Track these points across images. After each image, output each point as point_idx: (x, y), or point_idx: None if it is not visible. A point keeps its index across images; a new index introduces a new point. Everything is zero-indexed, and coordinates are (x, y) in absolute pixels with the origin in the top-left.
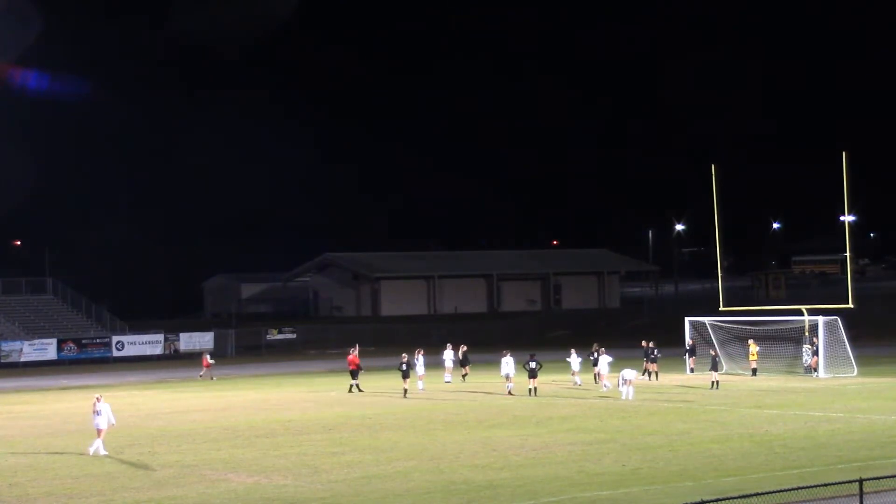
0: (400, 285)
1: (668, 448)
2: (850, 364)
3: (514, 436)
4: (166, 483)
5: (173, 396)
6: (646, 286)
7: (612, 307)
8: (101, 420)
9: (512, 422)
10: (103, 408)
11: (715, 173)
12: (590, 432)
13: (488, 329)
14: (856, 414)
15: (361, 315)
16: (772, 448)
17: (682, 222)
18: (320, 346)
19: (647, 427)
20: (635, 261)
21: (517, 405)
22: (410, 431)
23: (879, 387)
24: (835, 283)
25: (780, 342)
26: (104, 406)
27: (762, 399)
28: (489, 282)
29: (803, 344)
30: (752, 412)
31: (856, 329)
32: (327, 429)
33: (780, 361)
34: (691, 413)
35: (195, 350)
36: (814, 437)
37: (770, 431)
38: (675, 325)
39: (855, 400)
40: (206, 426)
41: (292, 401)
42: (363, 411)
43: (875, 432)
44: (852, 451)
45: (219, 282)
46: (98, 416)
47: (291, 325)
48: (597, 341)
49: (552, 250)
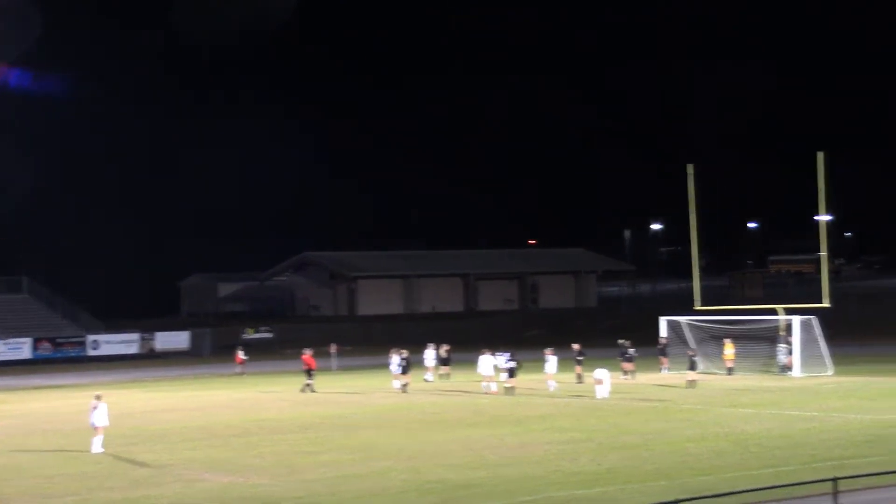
0: (377, 284)
1: (644, 447)
2: (826, 363)
3: (491, 435)
4: (142, 483)
5: (149, 396)
6: (623, 285)
7: (589, 306)
8: (100, 417)
9: (489, 421)
10: (101, 406)
11: (691, 173)
12: (566, 431)
13: (465, 328)
14: (831, 413)
15: (338, 314)
16: (747, 447)
17: (658, 222)
18: (297, 345)
19: (623, 426)
20: (612, 260)
21: (494, 404)
22: (387, 431)
23: (855, 386)
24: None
25: (756, 341)
26: (102, 405)
27: (738, 398)
28: (466, 281)
29: (779, 343)
30: (728, 411)
31: (831, 328)
32: (304, 428)
33: (756, 360)
34: (667, 412)
35: (171, 349)
36: (789, 435)
37: (745, 430)
38: (652, 324)
39: (830, 399)
40: (182, 426)
41: (269, 400)
42: (340, 410)
43: (850, 431)
44: (827, 450)
45: (195, 281)
46: (94, 413)
47: (268, 324)
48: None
49: (529, 250)
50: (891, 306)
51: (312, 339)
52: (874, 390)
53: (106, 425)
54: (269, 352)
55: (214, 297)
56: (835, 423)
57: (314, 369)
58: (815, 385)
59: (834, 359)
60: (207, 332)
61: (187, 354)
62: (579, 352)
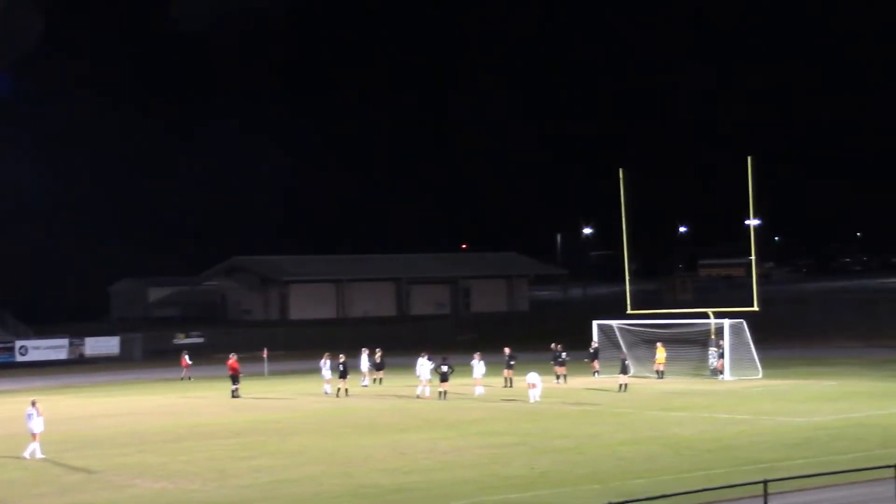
0: (309, 289)
1: (576, 451)
2: (756, 366)
3: (424, 439)
4: (72, 489)
5: (79, 402)
6: (554, 289)
7: (521, 310)
8: (37, 424)
9: (422, 425)
10: (37, 412)
11: (623, 177)
12: (499, 435)
13: (398, 333)
14: (761, 416)
15: (270, 319)
16: (679, 450)
17: (590, 226)
18: (228, 349)
19: (556, 430)
20: (544, 264)
21: (427, 409)
22: (320, 435)
23: (784, 389)
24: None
25: (688, 345)
26: (37, 410)
27: (670, 401)
28: (398, 286)
29: (709, 347)
30: (660, 414)
31: (761, 332)
32: (236, 433)
33: (688, 364)
34: (600, 416)
35: (101, 355)
36: (720, 438)
37: (677, 433)
38: (585, 328)
39: (760, 402)
40: (112, 431)
41: (200, 405)
42: (272, 415)
43: (780, 434)
44: (758, 453)
45: (125, 285)
46: (32, 419)
47: (200, 329)
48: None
49: (461, 254)
50: (819, 310)
51: (244, 343)
52: (803, 393)
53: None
54: (200, 357)
55: (145, 301)
56: (765, 426)
57: (239, 374)
58: (745, 388)
59: (763, 362)
60: (138, 337)
61: (118, 360)
62: (510, 356)
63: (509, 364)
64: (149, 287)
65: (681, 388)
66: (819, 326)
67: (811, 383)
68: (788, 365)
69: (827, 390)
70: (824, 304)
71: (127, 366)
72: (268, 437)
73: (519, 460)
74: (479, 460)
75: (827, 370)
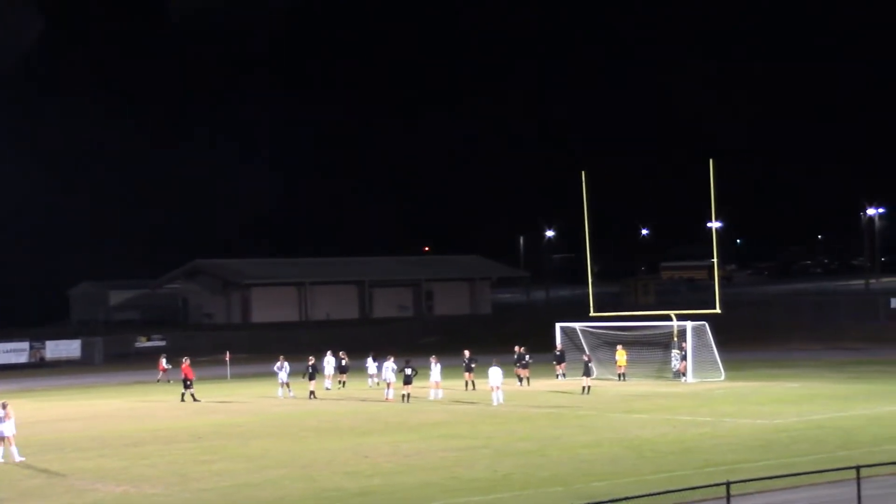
0: (271, 292)
1: (539, 453)
2: (718, 368)
3: (386, 442)
4: (32, 494)
5: (40, 406)
6: (517, 292)
7: (483, 313)
8: (8, 426)
9: (384, 428)
10: (8, 414)
11: (584, 180)
12: (462, 438)
13: (360, 336)
14: (723, 418)
15: (232, 322)
16: (641, 452)
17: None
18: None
19: (518, 432)
20: (507, 267)
21: (389, 412)
22: (282, 439)
23: (746, 391)
24: (703, 289)
25: (651, 347)
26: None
27: (632, 404)
28: (361, 288)
29: (672, 349)
30: (622, 417)
31: (723, 334)
32: (197, 437)
33: (650, 366)
34: (562, 418)
35: (62, 358)
36: (682, 441)
37: (640, 436)
38: (547, 330)
39: (722, 404)
40: (73, 435)
41: (162, 409)
42: (234, 419)
43: (741, 436)
44: (720, 455)
45: (86, 289)
46: (3, 423)
47: (161, 332)
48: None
49: (424, 257)
50: (780, 312)
51: (206, 347)
52: (765, 395)
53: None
54: None
55: (105, 305)
56: (727, 428)
57: (192, 379)
58: (707, 390)
59: (725, 364)
60: (99, 340)
61: (78, 363)
62: (470, 358)
63: (469, 367)
64: (109, 290)
65: (643, 391)
66: (781, 329)
67: (773, 385)
68: (750, 367)
69: (789, 392)
70: (786, 306)
71: (88, 369)
72: (229, 440)
73: (482, 463)
74: (441, 463)
75: (788, 372)
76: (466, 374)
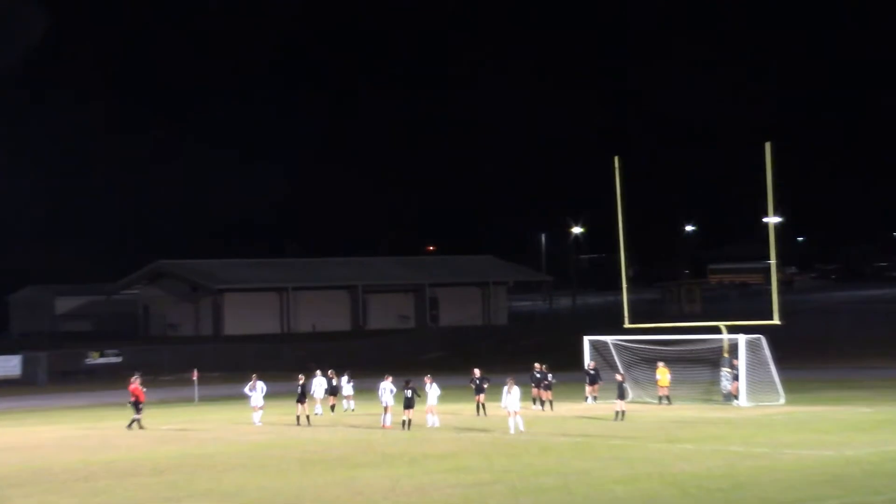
0: (247, 298)
1: (563, 490)
2: (776, 390)
3: (383, 476)
4: None
5: None
6: (538, 299)
7: (498, 324)
8: None
9: (380, 460)
10: None
11: (618, 167)
12: (472, 472)
13: (353, 350)
14: (782, 449)
15: (201, 334)
16: (685, 489)
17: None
18: (152, 371)
19: (539, 466)
20: (526, 269)
21: (386, 441)
22: (259, 472)
23: (809, 417)
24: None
25: (696, 365)
26: None
27: (674, 432)
28: (353, 294)
29: (721, 367)
30: (663, 447)
31: (782, 349)
32: (159, 470)
33: (696, 387)
34: (591, 449)
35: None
36: (734, 475)
37: (683, 470)
38: (573, 344)
39: (781, 432)
40: (13, 468)
41: (116, 437)
42: (203, 449)
43: (804, 470)
44: (778, 492)
45: (28, 295)
46: None
47: (117, 346)
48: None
49: (428, 257)
50: (849, 323)
51: (171, 363)
52: (832, 421)
53: None
54: (116, 379)
55: (51, 313)
56: (786, 461)
57: (143, 402)
58: (763, 416)
59: (785, 385)
60: (43, 356)
61: (18, 383)
62: (481, 378)
63: (480, 388)
64: (56, 296)
65: (688, 416)
66: (850, 342)
67: (841, 409)
68: (814, 388)
69: (860, 418)
70: (855, 316)
71: (29, 390)
72: (197, 474)
73: (495, 501)
74: (448, 501)
75: (859, 394)
76: (477, 397)
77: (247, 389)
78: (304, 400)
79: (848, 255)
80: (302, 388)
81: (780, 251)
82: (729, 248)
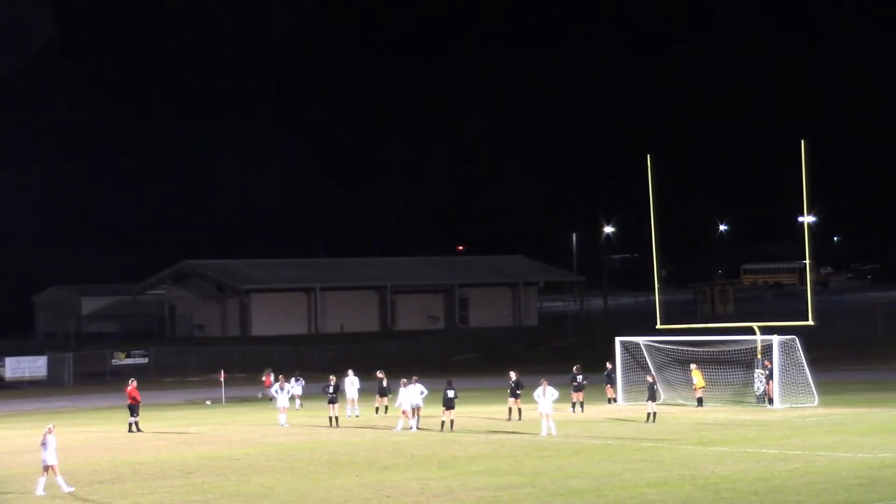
0: (274, 299)
1: (595, 493)
2: (811, 392)
3: (412, 479)
4: None
5: None
6: (569, 300)
7: (529, 325)
8: (50, 455)
9: (409, 463)
10: (51, 440)
11: (650, 165)
12: (503, 475)
13: (382, 351)
14: (817, 451)
15: (228, 335)
16: (718, 492)
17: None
18: (178, 372)
19: (570, 468)
20: (557, 270)
21: (415, 443)
22: (288, 475)
23: (844, 419)
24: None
25: (729, 366)
26: (52, 439)
27: (707, 434)
28: (382, 295)
29: (755, 368)
30: (695, 449)
31: (817, 350)
32: (186, 472)
33: (729, 389)
34: (623, 451)
35: (25, 378)
36: (767, 479)
37: (716, 472)
38: (605, 346)
39: (816, 434)
40: (38, 470)
41: (143, 439)
42: (230, 451)
43: (839, 473)
44: (812, 496)
45: (54, 295)
46: (46, 449)
47: (143, 347)
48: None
49: (458, 257)
50: (886, 324)
51: (197, 364)
52: (867, 424)
53: None
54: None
55: (77, 314)
56: (821, 464)
57: (139, 404)
58: (797, 418)
59: (820, 387)
60: (68, 356)
61: (44, 384)
62: (516, 381)
63: (515, 392)
64: (81, 297)
65: (720, 418)
66: (886, 344)
67: (877, 412)
68: (850, 390)
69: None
70: (891, 316)
71: (55, 391)
72: (225, 476)
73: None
74: None
75: (895, 396)
76: (511, 400)
77: (273, 391)
78: (335, 400)
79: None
80: (334, 388)
81: (815, 251)
82: (763, 247)
